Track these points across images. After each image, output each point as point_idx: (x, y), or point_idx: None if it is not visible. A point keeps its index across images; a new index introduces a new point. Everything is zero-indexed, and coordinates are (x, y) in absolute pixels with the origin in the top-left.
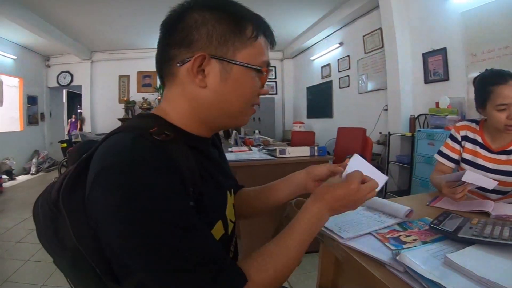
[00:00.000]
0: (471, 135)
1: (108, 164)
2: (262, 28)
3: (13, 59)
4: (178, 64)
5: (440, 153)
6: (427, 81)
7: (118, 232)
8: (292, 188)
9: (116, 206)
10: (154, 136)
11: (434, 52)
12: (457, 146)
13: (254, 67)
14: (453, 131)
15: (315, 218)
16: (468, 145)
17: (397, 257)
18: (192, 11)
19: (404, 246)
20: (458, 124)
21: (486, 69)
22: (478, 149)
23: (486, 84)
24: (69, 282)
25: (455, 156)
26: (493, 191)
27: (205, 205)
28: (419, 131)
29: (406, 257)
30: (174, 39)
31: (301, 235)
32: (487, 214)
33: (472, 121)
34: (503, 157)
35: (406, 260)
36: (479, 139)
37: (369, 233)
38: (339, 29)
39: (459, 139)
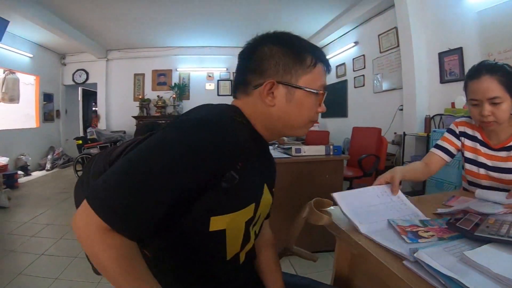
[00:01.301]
0: (469, 131)
1: (194, 117)
2: (320, 57)
3: (30, 57)
4: (253, 87)
5: (437, 146)
6: (442, 81)
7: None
8: None
9: (156, 138)
10: (235, 117)
11: (450, 52)
12: (455, 140)
13: (313, 91)
14: (452, 126)
15: None
16: (467, 142)
17: (415, 254)
18: (263, 45)
19: (420, 240)
20: (457, 120)
21: None
22: (478, 146)
23: (466, 78)
24: None
25: (452, 149)
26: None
27: (245, 183)
28: (434, 131)
29: (423, 254)
30: (249, 66)
31: None
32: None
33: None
34: (503, 154)
35: (423, 256)
36: (478, 135)
37: (389, 222)
38: (354, 28)
39: (457, 133)
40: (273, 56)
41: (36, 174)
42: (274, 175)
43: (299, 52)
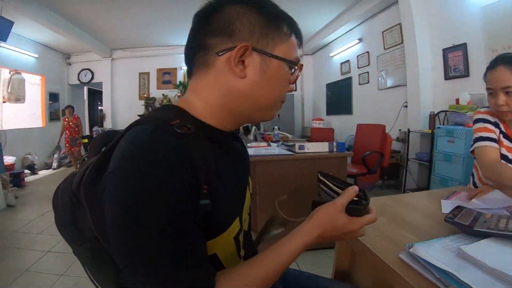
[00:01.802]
0: (491, 118)
1: (125, 156)
2: (295, 28)
3: (35, 57)
4: (217, 54)
5: (481, 138)
6: (447, 77)
7: (112, 222)
8: None
9: (121, 199)
10: (175, 128)
11: (454, 48)
12: (492, 127)
13: (290, 62)
14: (478, 116)
15: (304, 246)
16: (491, 127)
17: (411, 250)
18: (231, 4)
19: None
20: (482, 109)
21: None
22: (501, 137)
23: (485, 70)
24: (87, 272)
25: (494, 136)
26: None
27: (222, 203)
28: (439, 128)
29: (419, 249)
30: (213, 28)
31: (283, 262)
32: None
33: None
34: None
35: (419, 252)
36: (502, 127)
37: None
38: (358, 25)
39: (492, 121)
40: (247, 16)
41: (42, 173)
42: (248, 167)
43: (275, 17)
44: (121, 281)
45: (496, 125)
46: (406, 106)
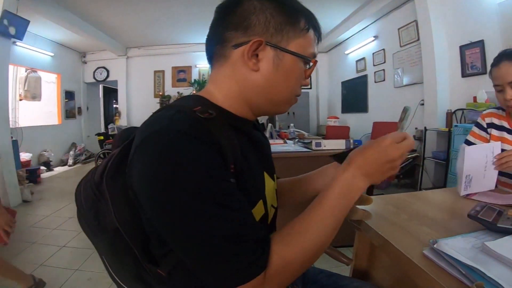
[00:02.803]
0: (497, 121)
1: (147, 134)
2: (313, 22)
3: (51, 56)
4: (233, 47)
5: (468, 142)
6: (464, 74)
7: (155, 204)
8: (327, 179)
9: (153, 175)
10: (197, 113)
11: (471, 45)
12: (483, 134)
13: (305, 57)
14: (479, 119)
15: (347, 185)
16: (494, 132)
17: (435, 245)
18: None
19: None
20: (484, 112)
21: None
22: (505, 134)
23: (490, 67)
24: (106, 264)
25: (480, 143)
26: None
27: (246, 184)
28: (456, 126)
29: (444, 245)
30: (230, 22)
31: (332, 206)
32: None
33: (499, 108)
34: None
35: (444, 247)
36: (505, 124)
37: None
38: (374, 22)
39: (485, 126)
40: (264, 11)
41: (58, 170)
42: (270, 154)
43: (293, 12)
44: (142, 274)
45: (501, 128)
46: (422, 104)
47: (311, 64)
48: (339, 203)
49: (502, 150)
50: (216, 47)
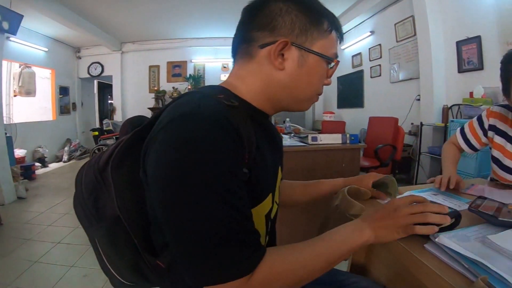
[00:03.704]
0: (500, 125)
1: (176, 116)
2: (335, 24)
3: (45, 51)
4: (259, 46)
5: (462, 132)
6: (460, 70)
7: (164, 184)
8: (337, 183)
9: (173, 155)
10: (222, 100)
11: (468, 41)
12: (480, 132)
13: (327, 58)
14: (483, 114)
15: (352, 230)
16: (497, 139)
17: (436, 239)
18: (277, 0)
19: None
20: (493, 108)
21: None
22: (508, 146)
23: (507, 63)
24: (101, 256)
25: (476, 145)
26: None
27: (259, 175)
28: (452, 121)
29: (445, 239)
30: (257, 22)
31: (332, 242)
32: None
33: (506, 106)
34: None
35: (445, 241)
36: (509, 131)
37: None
38: (370, 17)
39: (486, 126)
40: (289, 13)
41: (53, 166)
42: (282, 149)
43: (316, 14)
44: (140, 265)
45: (503, 134)
46: (418, 100)
47: (333, 64)
48: (339, 242)
49: (503, 165)
50: (242, 45)
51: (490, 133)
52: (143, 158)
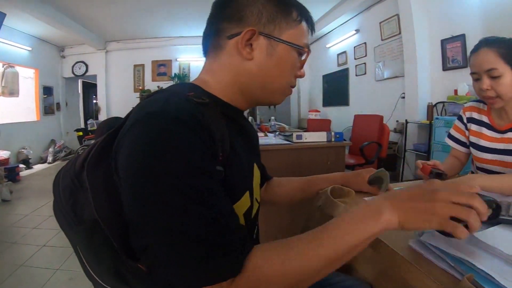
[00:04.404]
0: (476, 116)
1: (142, 115)
2: (305, 14)
3: (28, 50)
4: (227, 37)
5: (450, 136)
6: (445, 68)
7: (135, 186)
8: (335, 178)
9: (141, 155)
10: (192, 98)
11: (452, 39)
12: (462, 127)
13: (297, 46)
14: (461, 112)
15: (364, 215)
16: (473, 127)
17: (421, 237)
18: None
19: None
20: (467, 104)
21: None
22: (483, 130)
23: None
24: (82, 261)
25: (462, 138)
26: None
27: (234, 173)
28: (437, 118)
29: (430, 236)
30: (226, 13)
31: (338, 229)
32: None
33: (480, 101)
34: (511, 135)
35: (430, 239)
36: (485, 119)
37: None
38: (355, 15)
39: (465, 120)
40: (256, 2)
41: (38, 167)
42: (258, 145)
43: (284, 4)
44: (120, 269)
45: (480, 122)
46: (403, 97)
47: (304, 54)
48: (344, 234)
49: (480, 146)
50: (212, 39)
51: (469, 125)
52: (114, 160)
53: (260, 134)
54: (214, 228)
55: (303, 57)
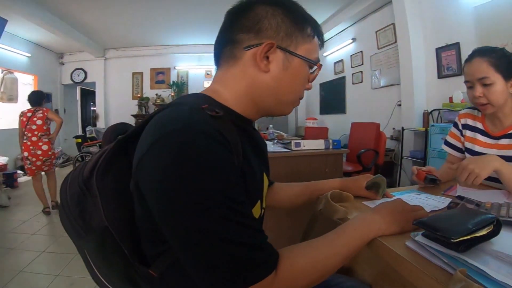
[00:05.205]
0: (471, 122)
1: (168, 131)
2: (318, 30)
3: (28, 56)
4: (244, 48)
5: (446, 143)
6: (440, 76)
7: (169, 200)
8: (334, 184)
9: (172, 171)
10: (206, 111)
11: (447, 47)
12: (458, 133)
13: (311, 61)
14: (456, 118)
15: (368, 223)
16: (468, 133)
17: (416, 238)
18: (262, 4)
19: None
20: (462, 111)
21: None
22: (478, 136)
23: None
24: (91, 267)
25: (458, 144)
26: (497, 179)
27: (247, 183)
28: (432, 126)
29: (424, 238)
30: (243, 24)
31: (349, 237)
32: None
33: (475, 108)
34: (505, 141)
35: (425, 239)
36: (479, 125)
37: None
38: (352, 25)
39: (460, 127)
40: (275, 16)
41: None
42: (267, 154)
43: (301, 19)
44: (131, 274)
45: (474, 128)
46: (399, 105)
47: (315, 68)
48: (355, 236)
49: (474, 152)
50: (225, 49)
51: (464, 131)
52: (136, 171)
53: None
54: (248, 233)
55: (314, 71)
